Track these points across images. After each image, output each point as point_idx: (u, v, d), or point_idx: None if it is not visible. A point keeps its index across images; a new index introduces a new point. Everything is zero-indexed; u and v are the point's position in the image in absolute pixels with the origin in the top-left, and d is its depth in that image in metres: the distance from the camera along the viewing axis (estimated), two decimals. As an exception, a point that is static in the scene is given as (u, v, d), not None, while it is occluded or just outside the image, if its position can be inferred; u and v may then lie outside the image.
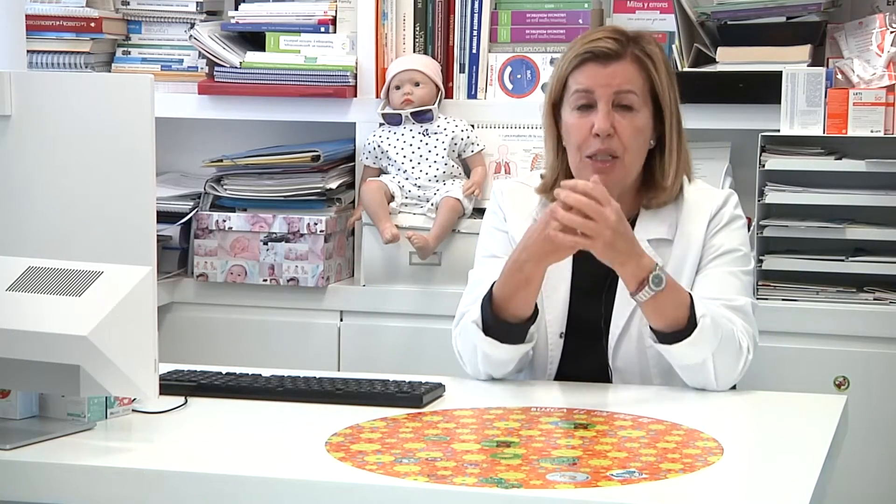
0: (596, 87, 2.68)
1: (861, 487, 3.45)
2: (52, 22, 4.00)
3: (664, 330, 2.58)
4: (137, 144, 2.29)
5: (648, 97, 2.70)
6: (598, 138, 2.66)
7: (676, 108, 2.73)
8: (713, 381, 2.61)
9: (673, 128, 2.71)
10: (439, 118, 3.82)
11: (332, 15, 3.94)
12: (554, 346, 2.72)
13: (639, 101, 2.68)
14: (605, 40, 2.69)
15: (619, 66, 2.68)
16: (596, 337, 2.72)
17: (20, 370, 2.19)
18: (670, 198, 2.73)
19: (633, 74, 2.69)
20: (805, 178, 3.57)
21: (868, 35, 3.61)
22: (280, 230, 3.82)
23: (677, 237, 2.72)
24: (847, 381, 3.49)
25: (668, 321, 2.58)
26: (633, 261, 2.55)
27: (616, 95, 2.67)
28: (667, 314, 2.58)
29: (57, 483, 2.12)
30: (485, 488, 2.00)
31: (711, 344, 2.57)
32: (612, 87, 2.67)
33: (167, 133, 3.67)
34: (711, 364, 2.58)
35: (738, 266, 2.70)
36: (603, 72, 2.68)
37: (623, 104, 2.68)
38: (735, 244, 2.72)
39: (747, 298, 2.68)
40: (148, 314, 2.21)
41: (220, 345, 3.84)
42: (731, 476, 2.11)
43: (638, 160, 2.71)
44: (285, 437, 2.32)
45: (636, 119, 2.68)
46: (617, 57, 2.68)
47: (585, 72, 2.69)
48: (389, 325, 3.79)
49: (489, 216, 2.85)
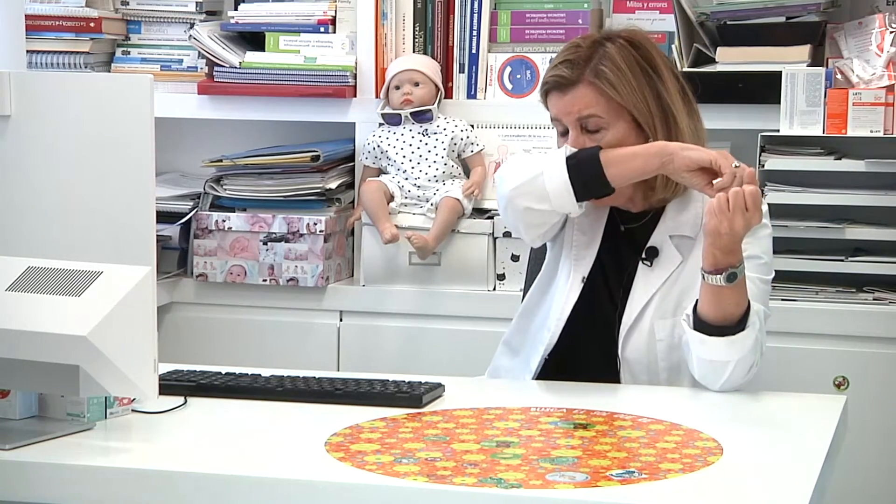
0: (561, 116, 2.72)
1: (861, 487, 3.45)
2: (52, 22, 4.00)
3: (711, 321, 2.58)
4: (137, 144, 2.28)
5: (622, 109, 2.69)
6: None
7: (660, 105, 2.70)
8: (722, 382, 2.61)
9: (656, 130, 2.70)
10: (439, 118, 3.82)
11: (331, 15, 3.94)
12: (573, 289, 2.74)
13: (605, 120, 2.69)
14: (559, 67, 2.71)
15: (576, 93, 2.70)
16: (608, 327, 2.73)
17: (20, 370, 2.19)
18: (670, 194, 2.73)
19: (592, 98, 2.69)
20: (805, 178, 3.57)
21: (868, 35, 3.61)
22: (280, 230, 3.82)
23: (700, 236, 2.72)
24: (847, 381, 3.49)
25: (721, 314, 2.58)
26: (732, 247, 2.55)
27: (580, 121, 2.70)
28: (724, 308, 2.57)
29: (57, 483, 2.12)
30: (484, 488, 2.00)
31: (744, 349, 2.58)
32: (573, 115, 2.70)
33: (167, 133, 3.67)
34: (732, 367, 2.59)
35: (757, 273, 2.70)
36: (563, 100, 2.71)
37: (589, 129, 2.70)
38: (758, 251, 2.71)
39: (762, 306, 2.68)
40: (148, 314, 2.21)
41: (220, 345, 3.84)
42: (730, 476, 2.11)
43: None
44: (285, 437, 2.32)
45: (606, 137, 2.69)
46: (571, 84, 2.70)
47: (552, 101, 2.74)
48: (389, 325, 3.79)
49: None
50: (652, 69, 2.71)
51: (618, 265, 2.76)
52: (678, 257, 2.72)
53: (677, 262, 2.72)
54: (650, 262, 2.73)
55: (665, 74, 2.72)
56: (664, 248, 2.73)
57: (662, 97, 2.71)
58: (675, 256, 2.73)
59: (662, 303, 2.71)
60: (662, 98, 2.71)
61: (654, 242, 2.74)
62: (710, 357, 2.60)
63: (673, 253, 2.73)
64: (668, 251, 2.73)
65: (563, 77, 2.70)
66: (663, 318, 2.70)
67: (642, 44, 2.74)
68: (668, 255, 2.73)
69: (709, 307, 2.59)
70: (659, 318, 2.69)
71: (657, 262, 2.73)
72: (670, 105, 2.72)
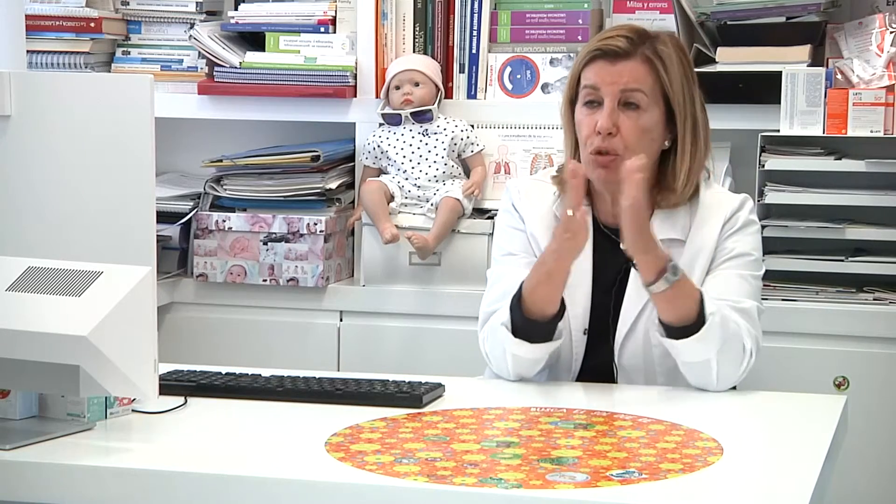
0: (602, 85, 2.69)
1: (861, 487, 3.45)
2: (52, 22, 4.00)
3: (674, 323, 2.59)
4: (137, 144, 2.28)
5: (660, 98, 2.70)
6: (600, 136, 2.67)
7: (693, 111, 2.73)
8: (714, 380, 2.61)
9: (687, 130, 2.71)
10: (439, 118, 3.82)
11: (331, 15, 3.94)
12: (578, 343, 2.73)
13: (646, 100, 2.69)
14: (616, 38, 2.70)
15: (628, 65, 2.69)
16: (604, 335, 2.73)
17: (20, 370, 2.19)
18: (682, 200, 2.73)
19: (642, 74, 2.69)
20: (805, 178, 3.57)
21: (868, 35, 3.61)
22: (280, 230, 3.82)
23: (689, 238, 2.73)
24: (847, 381, 3.49)
25: (679, 314, 2.58)
26: (653, 251, 2.57)
27: (622, 94, 2.68)
28: (679, 307, 2.58)
29: (57, 483, 2.12)
30: (484, 488, 2.00)
31: (717, 342, 2.58)
32: (618, 85, 2.68)
33: (167, 133, 3.67)
34: (715, 363, 2.59)
35: (748, 270, 2.70)
36: (611, 69, 2.69)
37: (629, 102, 2.69)
38: (747, 248, 2.72)
39: (754, 302, 2.68)
40: (148, 314, 2.21)
41: (220, 345, 3.84)
42: (730, 476, 2.11)
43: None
44: (285, 437, 2.32)
45: (642, 118, 2.69)
46: (626, 56, 2.69)
47: (594, 69, 2.71)
48: (389, 325, 3.79)
49: (503, 215, 2.85)
50: (691, 73, 2.75)
51: (608, 276, 2.75)
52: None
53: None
54: None
55: (696, 85, 2.76)
56: None
57: (695, 102, 2.74)
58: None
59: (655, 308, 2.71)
60: (695, 103, 2.74)
61: None
62: (690, 359, 2.61)
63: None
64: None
65: (619, 47, 2.69)
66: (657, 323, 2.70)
67: (684, 49, 2.78)
68: None
69: (667, 313, 2.60)
70: (653, 323, 2.68)
71: None
72: (699, 114, 2.74)
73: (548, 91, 3.82)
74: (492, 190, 3.82)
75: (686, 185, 2.72)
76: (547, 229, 2.75)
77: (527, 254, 2.76)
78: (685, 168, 2.72)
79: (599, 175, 2.71)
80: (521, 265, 2.73)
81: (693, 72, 2.76)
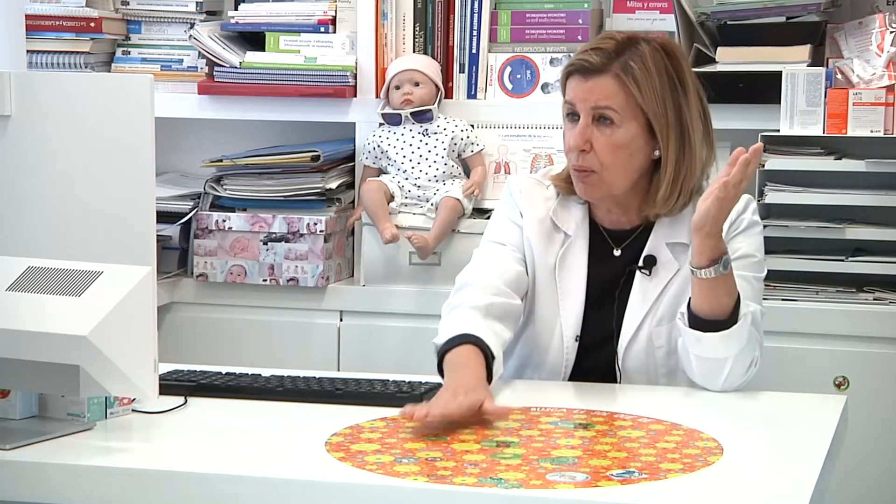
0: (577, 101, 2.69)
1: (861, 487, 3.45)
2: (52, 22, 4.00)
3: (706, 315, 2.58)
4: (137, 144, 2.28)
5: (638, 111, 2.67)
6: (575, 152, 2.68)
7: (679, 119, 2.68)
8: (722, 380, 2.61)
9: (671, 140, 2.68)
10: (439, 118, 3.82)
11: (331, 15, 3.94)
12: (569, 350, 2.73)
13: (619, 116, 2.66)
14: (590, 53, 2.68)
15: (599, 82, 2.67)
16: (607, 338, 2.73)
17: (20, 370, 2.19)
18: (667, 210, 2.71)
19: (613, 90, 2.66)
20: (805, 178, 3.57)
21: (868, 35, 3.61)
22: (280, 230, 3.82)
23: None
24: (847, 381, 3.49)
25: (714, 306, 2.58)
26: (716, 237, 2.56)
27: (594, 110, 2.67)
28: (717, 297, 2.57)
29: (57, 483, 2.12)
30: (484, 488, 2.00)
31: (740, 343, 2.58)
32: (589, 102, 2.67)
33: (167, 133, 3.67)
34: (730, 364, 2.59)
35: (751, 272, 2.70)
36: (584, 86, 2.68)
37: (603, 116, 2.67)
38: (751, 250, 2.71)
39: (757, 305, 2.67)
40: (148, 314, 2.21)
41: (220, 345, 3.84)
42: (730, 476, 2.11)
43: (623, 175, 2.68)
44: (285, 437, 2.32)
45: (616, 134, 2.66)
46: (598, 72, 2.66)
47: (571, 84, 2.71)
48: (389, 325, 3.79)
49: (503, 206, 2.84)
50: (679, 81, 2.69)
51: (610, 281, 2.75)
52: (675, 264, 2.71)
53: (674, 269, 2.71)
54: (648, 271, 2.73)
55: (690, 91, 2.70)
56: (661, 256, 2.72)
57: (682, 111, 2.69)
58: (672, 263, 2.71)
59: (659, 310, 2.71)
60: (682, 112, 2.68)
61: (650, 251, 2.73)
62: (708, 355, 2.60)
63: (670, 259, 2.72)
64: (666, 258, 2.72)
65: (590, 63, 2.67)
66: (660, 325, 2.70)
67: (675, 54, 2.72)
68: (666, 262, 2.72)
69: (704, 302, 2.59)
70: (656, 325, 2.69)
71: (655, 271, 2.73)
72: (689, 122, 2.69)
73: (548, 91, 3.82)
74: (492, 190, 3.82)
75: (671, 195, 2.69)
76: (542, 235, 2.75)
77: (517, 249, 2.76)
78: (668, 179, 2.69)
79: (580, 189, 2.71)
80: (507, 257, 2.74)
81: (685, 78, 2.69)
